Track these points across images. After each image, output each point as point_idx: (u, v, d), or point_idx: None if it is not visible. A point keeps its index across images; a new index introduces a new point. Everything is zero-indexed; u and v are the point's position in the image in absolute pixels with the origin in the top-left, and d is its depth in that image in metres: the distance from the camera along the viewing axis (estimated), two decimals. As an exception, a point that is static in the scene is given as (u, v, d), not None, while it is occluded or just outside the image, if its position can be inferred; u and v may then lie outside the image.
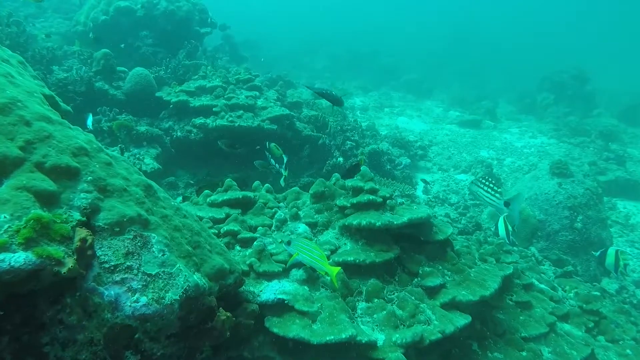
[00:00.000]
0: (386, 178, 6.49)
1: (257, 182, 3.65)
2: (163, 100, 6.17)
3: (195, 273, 1.99)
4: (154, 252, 1.86)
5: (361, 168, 3.22)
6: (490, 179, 3.62)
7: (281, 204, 3.46)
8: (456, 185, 7.81)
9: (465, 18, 33.84)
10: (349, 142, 6.48)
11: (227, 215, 3.08)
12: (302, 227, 3.06)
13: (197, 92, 6.27)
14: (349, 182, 3.20)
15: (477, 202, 6.95)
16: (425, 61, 22.24)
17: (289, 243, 2.53)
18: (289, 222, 3.13)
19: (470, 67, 22.21)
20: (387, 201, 3.10)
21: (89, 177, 1.85)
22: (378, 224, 2.84)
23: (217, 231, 2.92)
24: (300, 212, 3.18)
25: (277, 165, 5.36)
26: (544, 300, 3.65)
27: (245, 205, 3.29)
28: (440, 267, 3.06)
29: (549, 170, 6.02)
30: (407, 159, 7.55)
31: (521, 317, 3.44)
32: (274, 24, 27.57)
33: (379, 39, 26.11)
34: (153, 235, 1.92)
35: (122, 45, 7.85)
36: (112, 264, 1.73)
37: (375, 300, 2.65)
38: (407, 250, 3.07)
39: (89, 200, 1.79)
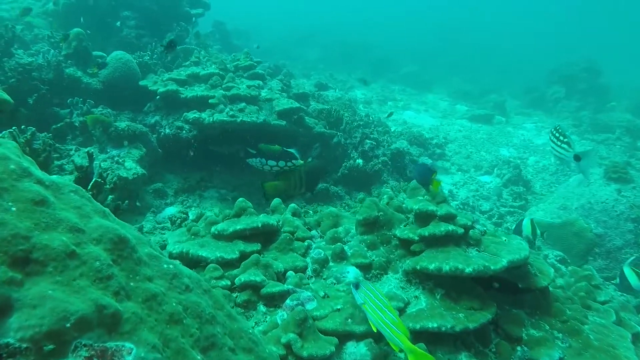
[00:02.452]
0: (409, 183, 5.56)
1: (277, 200, 2.70)
2: (148, 90, 5.14)
3: (211, 409, 1.05)
4: (128, 389, 0.92)
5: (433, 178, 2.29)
6: (559, 129, 3.08)
7: (313, 232, 2.51)
8: (482, 189, 6.95)
9: (460, 11, 33.10)
10: (368, 141, 5.53)
11: (242, 255, 2.13)
12: (352, 272, 2.12)
13: (190, 81, 5.26)
14: (413, 204, 2.27)
15: (512, 210, 6.10)
16: (420, 53, 21.38)
17: (357, 286, 1.74)
18: (331, 263, 2.19)
19: (468, 60, 21.46)
20: (470, 231, 2.19)
21: (-11, 240, 0.89)
22: (468, 270, 1.93)
23: (229, 283, 1.97)
24: (346, 248, 2.24)
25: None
26: (655, 353, 2.79)
27: (264, 236, 2.34)
28: (548, 327, 2.16)
29: (602, 174, 5.19)
30: (428, 160, 6.67)
31: (634, 382, 2.58)
32: (262, 15, 26.39)
33: (371, 31, 25.18)
34: (129, 345, 0.97)
35: (118, 24, 6.82)
36: None
37: (478, 393, 1.75)
38: (499, 301, 2.17)
39: (-14, 293, 0.83)
